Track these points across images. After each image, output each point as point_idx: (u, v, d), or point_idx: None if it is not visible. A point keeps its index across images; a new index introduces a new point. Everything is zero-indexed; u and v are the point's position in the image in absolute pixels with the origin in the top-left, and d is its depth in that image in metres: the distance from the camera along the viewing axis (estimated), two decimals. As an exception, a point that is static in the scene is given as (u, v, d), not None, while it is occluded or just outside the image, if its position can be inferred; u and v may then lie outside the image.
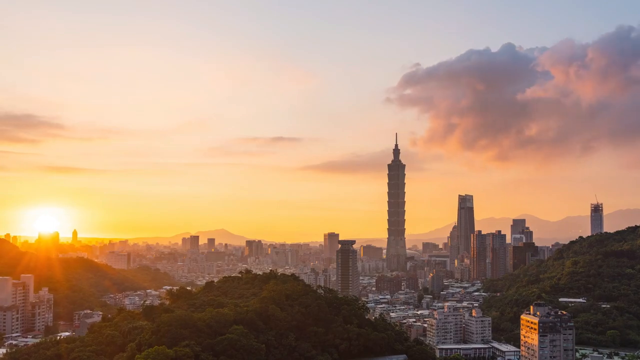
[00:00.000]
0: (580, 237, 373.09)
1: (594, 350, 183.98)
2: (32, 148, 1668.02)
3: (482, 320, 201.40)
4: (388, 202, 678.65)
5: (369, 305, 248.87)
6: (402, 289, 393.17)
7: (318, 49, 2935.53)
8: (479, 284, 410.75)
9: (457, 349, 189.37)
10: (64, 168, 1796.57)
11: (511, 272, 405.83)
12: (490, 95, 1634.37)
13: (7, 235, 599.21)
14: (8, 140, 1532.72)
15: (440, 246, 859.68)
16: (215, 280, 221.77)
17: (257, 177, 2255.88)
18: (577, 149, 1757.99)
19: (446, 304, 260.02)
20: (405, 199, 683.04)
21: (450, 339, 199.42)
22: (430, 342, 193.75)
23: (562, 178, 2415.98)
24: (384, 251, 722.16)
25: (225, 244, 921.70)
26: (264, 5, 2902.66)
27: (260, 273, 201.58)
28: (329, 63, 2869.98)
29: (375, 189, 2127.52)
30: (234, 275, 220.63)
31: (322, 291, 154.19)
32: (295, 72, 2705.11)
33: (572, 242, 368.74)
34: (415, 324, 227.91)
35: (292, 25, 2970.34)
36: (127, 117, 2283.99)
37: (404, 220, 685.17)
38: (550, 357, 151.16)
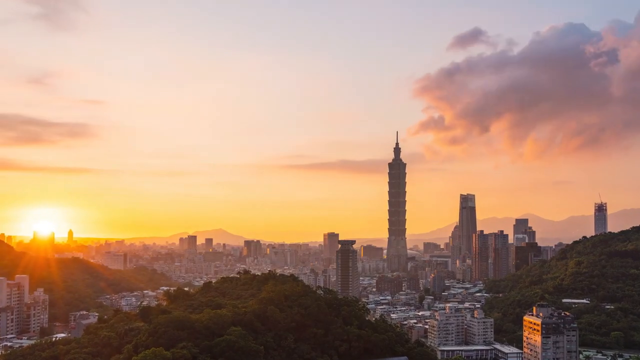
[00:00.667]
0: (584, 237, 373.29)
1: (597, 352, 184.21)
2: (47, 148, 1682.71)
3: (484, 322, 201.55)
4: (389, 201, 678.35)
5: (369, 306, 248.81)
6: (403, 289, 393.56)
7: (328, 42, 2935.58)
8: (481, 285, 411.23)
9: (459, 350, 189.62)
10: (65, 169, 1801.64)
11: (514, 273, 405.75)
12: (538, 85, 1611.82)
13: (2, 235, 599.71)
14: (28, 141, 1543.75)
15: (442, 246, 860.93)
16: (213, 280, 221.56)
17: (255, 177, 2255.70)
18: (615, 144, 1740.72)
19: (448, 305, 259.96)
20: (406, 199, 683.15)
21: (452, 340, 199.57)
22: (432, 344, 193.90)
23: (568, 176, 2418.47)
24: (385, 251, 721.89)
25: (224, 244, 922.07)
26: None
27: (259, 274, 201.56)
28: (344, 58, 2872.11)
29: (376, 188, 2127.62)
30: (232, 275, 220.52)
31: (321, 292, 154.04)
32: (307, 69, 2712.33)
33: (575, 242, 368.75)
34: (416, 325, 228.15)
35: (297, 22, 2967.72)
36: (150, 117, 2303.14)
37: (405, 219, 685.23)
38: (554, 358, 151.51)
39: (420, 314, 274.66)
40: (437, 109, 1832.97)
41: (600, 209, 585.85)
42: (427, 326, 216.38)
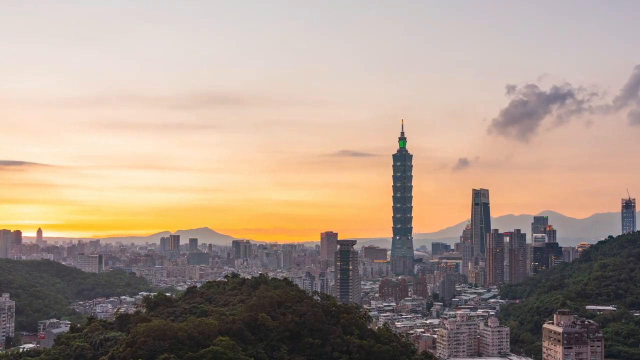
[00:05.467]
0: (610, 237, 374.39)
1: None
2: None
3: (499, 331, 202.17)
4: (393, 197, 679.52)
5: (371, 313, 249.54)
6: (409, 295, 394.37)
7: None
8: (496, 290, 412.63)
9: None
10: (32, 163, 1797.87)
11: (532, 276, 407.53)
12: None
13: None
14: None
15: (452, 247, 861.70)
16: (198, 285, 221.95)
17: (246, 170, 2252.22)
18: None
19: (458, 312, 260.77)
20: (412, 194, 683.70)
21: (463, 351, 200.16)
22: (441, 355, 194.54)
23: (589, 169, 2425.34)
24: (389, 252, 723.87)
25: (209, 245, 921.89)
26: None
27: (249, 277, 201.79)
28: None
29: (380, 182, 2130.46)
30: (219, 279, 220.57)
31: (318, 298, 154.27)
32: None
33: (600, 243, 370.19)
34: (423, 334, 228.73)
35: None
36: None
37: (411, 217, 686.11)
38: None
39: (428, 322, 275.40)
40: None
41: (628, 206, 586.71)
42: (435, 336, 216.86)
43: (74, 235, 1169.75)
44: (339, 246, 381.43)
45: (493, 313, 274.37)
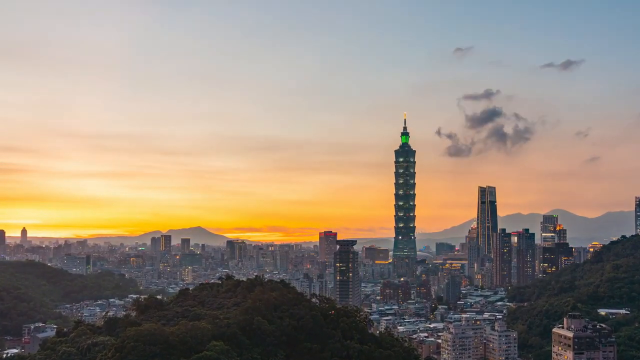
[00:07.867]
0: (623, 237, 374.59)
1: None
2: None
3: (506, 335, 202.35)
4: (395, 194, 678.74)
5: (372, 317, 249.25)
6: (412, 297, 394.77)
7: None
8: (503, 292, 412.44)
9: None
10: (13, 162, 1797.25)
11: (541, 278, 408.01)
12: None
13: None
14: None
15: (457, 247, 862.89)
16: (191, 287, 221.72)
17: (242, 168, 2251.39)
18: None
19: (464, 315, 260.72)
20: (415, 192, 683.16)
21: (469, 357, 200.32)
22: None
23: (603, 165, 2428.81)
24: (390, 253, 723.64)
25: (202, 245, 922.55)
26: None
27: (244, 279, 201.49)
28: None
29: (381, 179, 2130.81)
30: (212, 281, 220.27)
31: (317, 300, 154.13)
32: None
33: (613, 243, 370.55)
34: (427, 339, 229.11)
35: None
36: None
37: (414, 216, 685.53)
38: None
39: (431, 326, 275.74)
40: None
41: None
42: (439, 340, 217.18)
43: (60, 234, 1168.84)
44: (338, 246, 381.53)
45: (500, 317, 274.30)
